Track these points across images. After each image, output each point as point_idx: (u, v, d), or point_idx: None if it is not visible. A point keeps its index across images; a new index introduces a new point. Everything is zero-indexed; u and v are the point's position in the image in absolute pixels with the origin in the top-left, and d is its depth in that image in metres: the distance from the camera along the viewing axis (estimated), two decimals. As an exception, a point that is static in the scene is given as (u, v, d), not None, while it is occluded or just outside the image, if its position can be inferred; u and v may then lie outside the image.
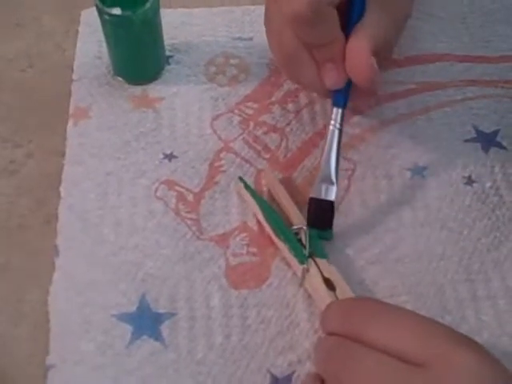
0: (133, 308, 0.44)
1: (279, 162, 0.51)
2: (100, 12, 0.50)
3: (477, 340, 0.36)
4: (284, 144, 0.52)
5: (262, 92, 0.55)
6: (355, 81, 0.45)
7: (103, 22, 0.51)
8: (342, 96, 0.47)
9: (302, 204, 0.48)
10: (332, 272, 0.44)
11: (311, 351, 0.42)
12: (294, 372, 0.42)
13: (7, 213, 0.49)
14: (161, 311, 0.44)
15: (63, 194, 0.49)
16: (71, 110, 0.54)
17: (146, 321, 0.44)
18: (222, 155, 0.51)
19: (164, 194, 0.49)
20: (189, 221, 0.48)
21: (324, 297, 0.43)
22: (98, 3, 0.49)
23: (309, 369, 0.42)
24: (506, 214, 0.48)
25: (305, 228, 0.45)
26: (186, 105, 0.54)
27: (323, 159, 0.47)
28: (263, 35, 0.49)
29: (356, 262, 0.46)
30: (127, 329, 0.43)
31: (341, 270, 0.44)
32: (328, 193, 0.46)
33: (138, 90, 0.55)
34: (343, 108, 0.47)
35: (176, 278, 0.45)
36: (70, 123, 0.53)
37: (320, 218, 0.46)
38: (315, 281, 0.44)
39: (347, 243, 0.47)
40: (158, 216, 0.48)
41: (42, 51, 0.58)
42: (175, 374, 0.42)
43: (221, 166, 0.51)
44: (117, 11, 0.49)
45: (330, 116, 0.47)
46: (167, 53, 0.57)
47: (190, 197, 0.49)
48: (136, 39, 0.52)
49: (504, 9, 0.61)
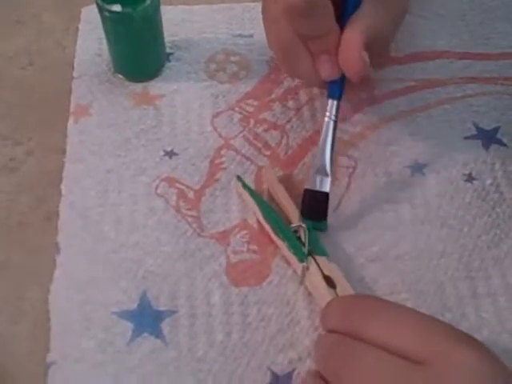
0: (133, 305, 0.44)
1: (280, 160, 0.51)
2: (100, 9, 0.50)
3: (477, 337, 0.36)
4: (284, 141, 0.52)
5: (263, 89, 0.55)
6: (346, 73, 0.46)
7: (103, 19, 0.51)
8: (338, 88, 0.47)
9: (302, 202, 0.48)
10: (332, 269, 0.44)
11: (311, 349, 0.42)
12: (295, 369, 0.42)
13: (7, 210, 0.49)
14: (161, 309, 0.44)
15: (64, 192, 0.49)
16: (72, 108, 0.54)
17: (147, 318, 0.44)
18: (223, 152, 0.51)
19: (164, 192, 0.49)
20: (189, 218, 0.48)
21: (324, 294, 0.43)
22: (99, 0, 0.49)
23: (309, 366, 0.42)
24: (507, 211, 0.49)
25: (304, 226, 0.45)
26: (187, 102, 0.54)
27: (318, 151, 0.47)
28: (264, 32, 0.48)
29: (356, 260, 0.46)
30: (128, 326, 0.43)
31: (341, 268, 0.44)
32: (323, 184, 0.46)
33: (139, 88, 0.55)
34: (338, 100, 0.47)
35: (176, 276, 0.45)
36: (71, 121, 0.53)
37: (314, 210, 0.46)
38: (315, 279, 0.44)
39: (347, 241, 0.47)
40: (159, 213, 0.48)
41: (42, 48, 0.58)
42: (176, 372, 0.42)
43: (221, 164, 0.51)
44: (117, 8, 0.49)
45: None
46: (168, 50, 0.57)
47: (191, 194, 0.49)
48: (136, 36, 0.51)
49: (504, 6, 0.61)
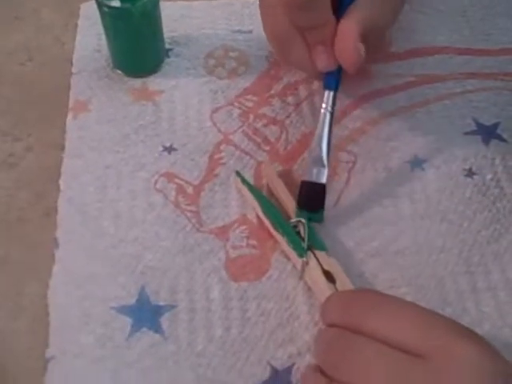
0: (132, 300, 0.44)
1: (279, 155, 0.51)
2: (99, 4, 0.50)
3: (478, 331, 0.36)
4: (284, 136, 0.52)
5: (262, 85, 0.55)
6: (342, 64, 0.46)
7: (102, 15, 0.51)
8: (334, 79, 0.47)
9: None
10: (332, 264, 0.44)
11: (311, 343, 0.42)
12: (294, 364, 0.42)
13: (6, 206, 0.49)
14: (160, 303, 0.44)
15: (63, 187, 0.49)
16: (71, 104, 0.53)
17: (146, 313, 0.44)
18: (222, 147, 0.51)
19: (163, 187, 0.49)
20: (188, 213, 0.48)
21: (324, 289, 0.43)
22: (98, -5, 0.49)
23: (309, 361, 0.42)
24: (507, 207, 0.48)
25: (303, 221, 0.45)
26: (186, 98, 0.54)
27: (314, 142, 0.47)
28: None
29: (356, 255, 0.46)
30: (127, 321, 0.43)
31: (340, 263, 0.44)
32: (319, 176, 0.46)
33: (138, 83, 0.55)
34: (335, 91, 0.47)
35: (176, 271, 0.45)
36: (70, 116, 0.53)
37: (311, 201, 0.46)
38: (315, 273, 0.43)
39: (347, 235, 0.47)
40: (158, 208, 0.48)
41: (42, 44, 0.58)
42: (175, 366, 0.42)
43: (220, 159, 0.51)
44: (116, 3, 0.49)
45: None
46: (167, 46, 0.57)
47: (190, 189, 0.49)
48: (135, 31, 0.51)
49: (504, 2, 0.61)
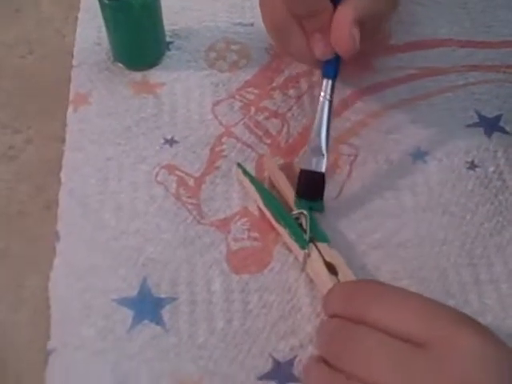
0: (134, 293, 0.44)
1: (280, 148, 0.51)
2: (99, -4, 0.50)
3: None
4: (285, 129, 0.52)
5: (263, 77, 0.55)
6: (337, 50, 0.45)
7: (102, 7, 0.51)
8: (332, 67, 0.47)
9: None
10: (334, 256, 0.43)
11: (313, 336, 0.42)
12: (296, 356, 0.42)
13: (7, 199, 0.48)
14: (162, 296, 0.44)
15: (63, 180, 0.49)
16: (71, 96, 0.53)
17: (147, 305, 0.43)
18: (223, 140, 0.51)
19: (165, 179, 0.49)
20: (189, 205, 0.48)
21: (326, 281, 0.42)
22: (98, -13, 0.49)
23: (311, 353, 0.42)
24: (509, 199, 0.48)
25: (305, 213, 0.45)
26: (187, 90, 0.54)
27: (313, 131, 0.46)
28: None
29: (358, 247, 0.46)
30: (128, 313, 0.43)
31: (342, 255, 0.44)
32: (318, 164, 0.46)
33: (139, 76, 0.55)
34: (333, 79, 0.47)
35: (177, 263, 0.45)
36: (70, 109, 0.52)
37: (310, 190, 0.46)
38: (317, 265, 0.43)
39: (349, 228, 0.47)
40: (159, 201, 0.48)
41: (42, 37, 0.58)
42: (176, 358, 0.41)
43: (222, 151, 0.50)
44: (116, -5, 0.49)
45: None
46: (168, 39, 0.56)
47: (191, 181, 0.49)
48: (135, 24, 0.51)
49: (505, -6, 0.61)
